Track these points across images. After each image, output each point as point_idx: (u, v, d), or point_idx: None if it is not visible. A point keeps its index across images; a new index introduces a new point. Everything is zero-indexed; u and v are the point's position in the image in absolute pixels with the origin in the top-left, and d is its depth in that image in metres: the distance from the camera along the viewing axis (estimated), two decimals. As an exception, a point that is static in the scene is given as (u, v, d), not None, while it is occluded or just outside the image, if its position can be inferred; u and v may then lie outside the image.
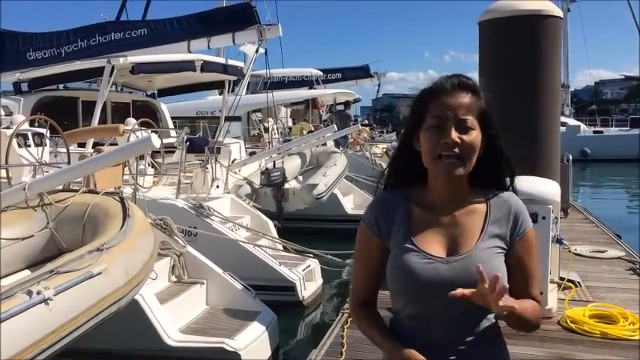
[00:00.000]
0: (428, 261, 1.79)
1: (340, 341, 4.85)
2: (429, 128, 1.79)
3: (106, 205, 5.35)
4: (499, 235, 1.83)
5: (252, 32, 10.29)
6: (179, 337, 5.73)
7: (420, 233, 1.85)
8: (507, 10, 5.91)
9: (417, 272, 1.78)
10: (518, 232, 1.85)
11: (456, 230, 1.84)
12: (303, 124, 21.57)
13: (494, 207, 1.87)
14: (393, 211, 1.91)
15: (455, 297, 1.64)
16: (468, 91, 1.80)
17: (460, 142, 1.74)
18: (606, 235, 9.18)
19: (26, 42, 11.88)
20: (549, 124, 6.00)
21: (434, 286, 1.75)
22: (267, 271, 8.15)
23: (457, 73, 1.86)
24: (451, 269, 1.77)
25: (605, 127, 41.63)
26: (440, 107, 1.78)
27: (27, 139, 8.54)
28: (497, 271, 1.61)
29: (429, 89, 1.84)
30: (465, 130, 1.76)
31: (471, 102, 1.79)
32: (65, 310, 3.60)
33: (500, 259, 1.81)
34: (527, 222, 1.88)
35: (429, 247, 1.82)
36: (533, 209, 4.99)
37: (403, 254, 1.83)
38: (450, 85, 1.80)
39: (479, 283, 1.61)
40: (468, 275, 1.71)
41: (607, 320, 5.00)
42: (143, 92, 14.61)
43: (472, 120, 1.78)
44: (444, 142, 1.74)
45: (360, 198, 14.45)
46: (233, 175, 10.84)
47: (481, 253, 1.78)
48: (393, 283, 1.86)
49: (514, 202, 1.89)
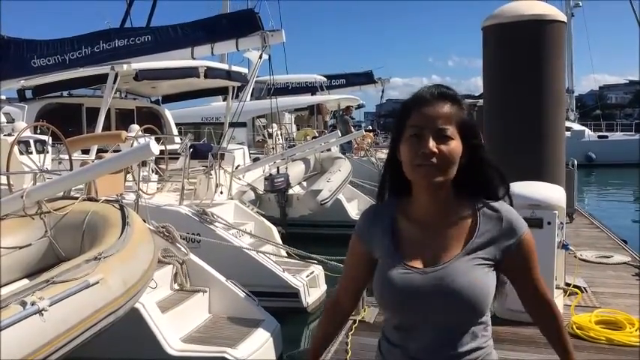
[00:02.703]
0: (405, 272, 1.79)
1: (345, 348, 4.80)
2: (409, 138, 1.77)
3: (105, 212, 5.31)
4: (487, 246, 1.80)
5: (256, 38, 10.29)
6: (180, 347, 5.66)
7: (404, 244, 1.86)
8: (511, 15, 5.87)
9: (394, 283, 1.79)
10: (513, 240, 1.82)
11: (439, 241, 1.82)
12: (307, 130, 21.55)
13: (483, 218, 1.83)
14: (380, 221, 1.93)
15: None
16: (447, 100, 1.79)
17: (438, 152, 1.73)
18: (612, 240, 9.11)
19: (31, 49, 11.88)
20: (554, 129, 5.95)
21: (409, 297, 1.76)
22: (270, 277, 8.10)
23: (438, 84, 1.86)
24: (426, 279, 1.76)
25: (609, 132, 41.45)
26: (419, 117, 1.77)
27: (29, 147, 8.52)
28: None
29: (410, 100, 1.84)
30: (444, 140, 1.74)
31: (450, 111, 1.77)
32: (60, 321, 3.55)
33: (483, 271, 1.77)
34: (521, 228, 1.84)
35: (410, 258, 1.82)
36: (539, 215, 4.97)
37: (385, 265, 1.85)
38: (430, 95, 1.79)
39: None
40: (442, 286, 1.72)
41: (613, 326, 4.96)
42: (147, 99, 14.63)
43: (451, 129, 1.76)
44: (422, 152, 1.73)
45: (365, 204, 14.36)
46: (237, 181, 10.82)
47: (460, 265, 1.76)
48: (375, 292, 1.88)
49: (505, 211, 1.85)
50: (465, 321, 1.77)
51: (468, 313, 1.75)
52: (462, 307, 1.72)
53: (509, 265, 1.82)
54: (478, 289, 1.73)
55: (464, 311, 1.74)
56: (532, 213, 4.94)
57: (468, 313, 1.75)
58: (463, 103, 1.82)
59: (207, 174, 9.86)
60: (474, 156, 1.81)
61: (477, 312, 1.76)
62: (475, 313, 1.76)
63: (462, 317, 1.76)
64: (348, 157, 15.65)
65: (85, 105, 12.63)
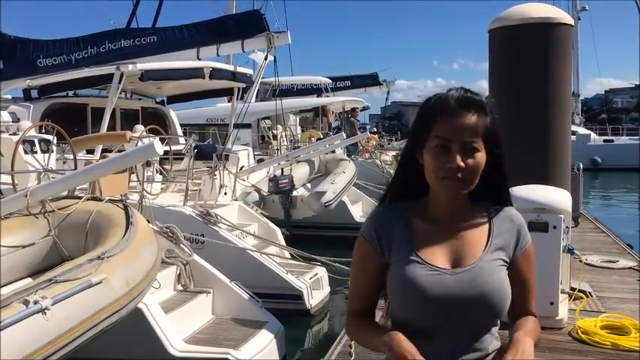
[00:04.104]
0: (433, 273, 1.74)
1: (348, 350, 4.78)
2: (434, 148, 1.73)
3: (109, 212, 5.30)
4: (502, 248, 1.81)
5: (261, 39, 10.26)
6: (183, 348, 5.65)
7: (423, 246, 1.80)
8: (518, 18, 5.84)
9: (423, 284, 1.72)
10: (521, 245, 1.84)
11: (460, 242, 1.80)
12: (312, 132, 21.55)
13: (496, 221, 1.84)
14: (392, 225, 1.85)
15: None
16: (474, 109, 1.74)
17: (464, 166, 1.70)
18: (617, 244, 9.06)
19: (37, 49, 11.90)
20: (560, 132, 5.92)
21: (441, 298, 1.71)
22: (274, 279, 8.10)
23: (464, 88, 1.79)
24: (457, 280, 1.73)
25: (615, 136, 41.37)
26: (445, 128, 1.72)
27: (34, 146, 8.52)
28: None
29: (434, 105, 1.78)
30: (470, 153, 1.71)
31: (477, 122, 1.73)
32: (63, 321, 3.53)
33: (504, 271, 1.79)
34: (528, 236, 1.87)
35: (433, 259, 1.77)
36: (544, 218, 4.93)
37: (407, 267, 1.77)
38: (456, 103, 1.73)
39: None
40: (475, 286, 1.71)
41: (618, 331, 4.91)
42: (152, 99, 14.64)
43: (478, 141, 1.73)
44: (449, 167, 1.69)
45: (369, 206, 14.33)
46: (241, 182, 10.82)
47: (486, 265, 1.75)
48: (397, 296, 1.80)
49: (515, 216, 1.87)
50: (490, 321, 1.77)
51: (496, 313, 1.75)
52: (492, 307, 1.72)
53: (513, 269, 1.82)
54: (505, 289, 1.74)
55: (493, 311, 1.74)
56: (537, 217, 4.90)
57: (496, 312, 1.75)
58: (488, 107, 1.77)
59: (212, 175, 9.86)
60: (495, 165, 1.79)
61: (502, 312, 1.76)
62: (500, 313, 1.76)
63: (489, 317, 1.76)
64: (353, 159, 15.63)
65: (90, 105, 12.64)
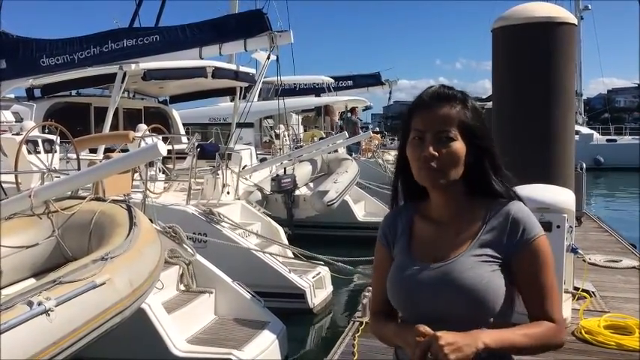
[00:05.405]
0: (416, 267, 1.81)
1: (351, 350, 4.79)
2: (411, 141, 1.80)
3: (112, 212, 5.30)
4: (491, 244, 1.77)
5: (264, 39, 10.24)
6: (186, 348, 5.65)
7: (416, 242, 1.89)
8: (521, 17, 5.84)
9: (400, 278, 1.83)
10: (518, 241, 1.76)
11: (449, 238, 1.82)
12: (314, 131, 21.54)
13: (492, 215, 1.81)
14: (399, 222, 1.96)
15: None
16: (447, 101, 1.78)
17: (438, 155, 1.73)
18: (621, 244, 9.06)
19: (40, 48, 11.88)
20: (563, 132, 5.92)
21: (414, 291, 1.79)
22: (276, 278, 8.09)
23: (440, 84, 1.86)
24: (431, 274, 1.77)
25: (618, 136, 41.27)
26: (419, 121, 1.79)
27: (37, 146, 8.53)
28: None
29: (412, 103, 1.85)
30: (445, 143, 1.75)
31: (449, 112, 1.77)
32: (67, 322, 3.53)
33: (490, 268, 1.74)
34: (532, 230, 1.77)
35: (421, 255, 1.84)
36: (548, 218, 4.92)
37: (396, 263, 1.88)
38: (428, 98, 1.80)
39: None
40: (447, 282, 1.73)
41: (622, 331, 4.93)
42: (155, 99, 14.64)
43: (453, 131, 1.76)
44: (423, 156, 1.74)
45: (372, 205, 14.36)
46: (243, 181, 10.81)
47: (467, 260, 1.75)
48: (387, 292, 1.89)
49: (514, 210, 1.79)
50: (478, 319, 1.69)
51: (476, 309, 1.70)
52: (468, 301, 1.70)
53: (515, 268, 1.75)
54: (483, 284, 1.70)
55: (471, 306, 1.70)
56: (541, 216, 4.89)
57: (475, 308, 1.70)
58: (467, 102, 1.80)
59: (214, 174, 9.87)
60: (480, 155, 1.80)
61: (486, 308, 1.70)
62: (483, 309, 1.70)
63: (474, 315, 1.70)
64: (356, 159, 15.63)
65: (93, 104, 12.66)
